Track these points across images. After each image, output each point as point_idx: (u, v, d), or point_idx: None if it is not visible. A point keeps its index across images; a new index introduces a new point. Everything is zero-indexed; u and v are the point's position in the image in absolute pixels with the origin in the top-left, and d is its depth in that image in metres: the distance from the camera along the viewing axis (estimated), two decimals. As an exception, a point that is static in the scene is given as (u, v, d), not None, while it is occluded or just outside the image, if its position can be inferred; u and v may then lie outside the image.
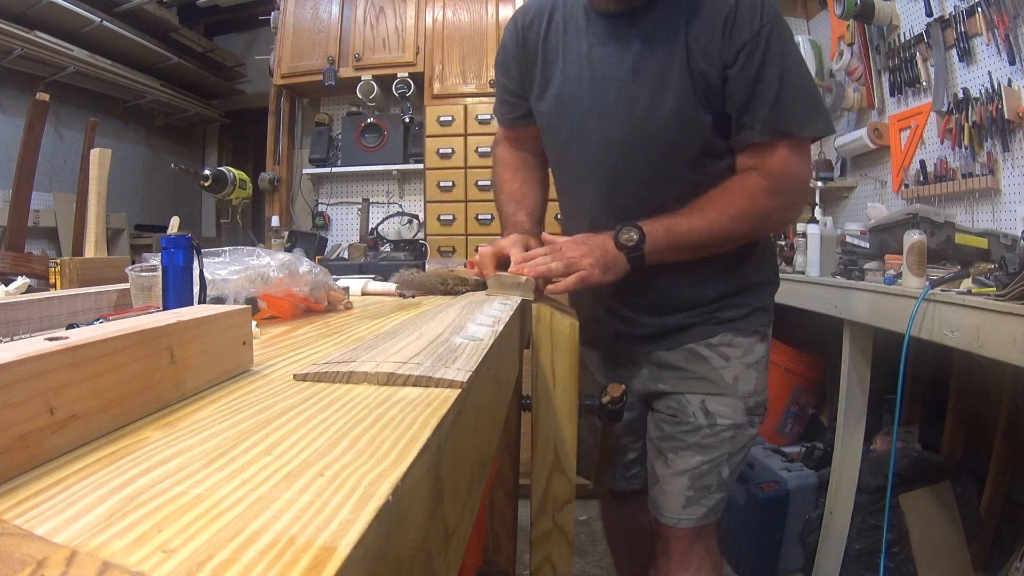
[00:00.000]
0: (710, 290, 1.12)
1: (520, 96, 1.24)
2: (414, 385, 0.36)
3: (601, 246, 1.00)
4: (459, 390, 0.35)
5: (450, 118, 2.83)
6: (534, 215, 1.23)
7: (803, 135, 1.03)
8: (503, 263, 1.05)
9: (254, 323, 0.48)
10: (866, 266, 1.89)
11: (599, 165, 1.11)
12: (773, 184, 1.01)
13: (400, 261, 2.54)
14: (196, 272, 0.58)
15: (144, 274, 0.71)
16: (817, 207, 2.40)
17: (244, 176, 1.57)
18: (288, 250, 2.66)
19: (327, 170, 3.13)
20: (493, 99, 1.39)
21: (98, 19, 3.24)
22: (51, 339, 0.26)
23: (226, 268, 0.67)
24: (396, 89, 2.95)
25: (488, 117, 2.73)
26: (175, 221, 1.34)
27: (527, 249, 1.06)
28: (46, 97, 2.37)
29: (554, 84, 1.14)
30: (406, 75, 2.94)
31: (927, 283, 1.49)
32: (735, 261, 1.12)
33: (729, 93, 1.00)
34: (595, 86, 1.08)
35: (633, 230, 1.00)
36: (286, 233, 3.00)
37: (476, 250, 1.09)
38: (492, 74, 1.28)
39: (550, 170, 1.30)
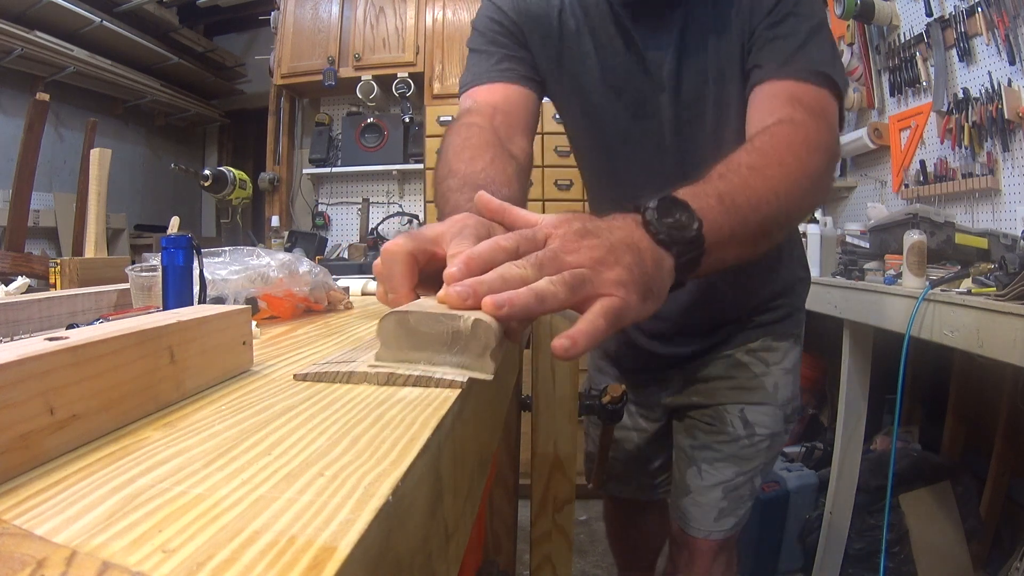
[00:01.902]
0: (753, 295, 1.02)
1: (528, 64, 0.96)
2: (414, 385, 0.36)
3: (628, 242, 0.50)
4: (459, 390, 0.35)
5: (450, 118, 2.83)
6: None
7: (838, 87, 0.82)
8: (431, 274, 0.51)
9: (254, 323, 0.48)
10: (866, 266, 1.89)
11: (649, 171, 0.96)
12: (820, 122, 0.76)
13: (400, 261, 2.53)
14: (196, 272, 0.58)
15: (144, 274, 0.71)
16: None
17: (244, 176, 1.57)
18: (288, 250, 2.66)
19: (327, 170, 3.13)
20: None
21: (98, 19, 3.24)
22: (51, 339, 0.26)
23: (226, 268, 0.67)
24: (396, 89, 2.95)
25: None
26: (175, 221, 1.34)
27: (481, 239, 0.51)
28: (46, 97, 2.37)
29: (588, 82, 0.95)
30: (406, 75, 2.94)
31: (927, 283, 1.49)
32: (775, 257, 1.02)
33: (755, 40, 0.83)
34: (639, 88, 0.92)
35: (676, 208, 0.55)
36: (286, 233, 3.00)
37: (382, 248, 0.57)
38: (475, 44, 1.00)
39: (585, 181, 1.09)
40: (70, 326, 0.48)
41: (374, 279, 1.15)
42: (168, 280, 0.56)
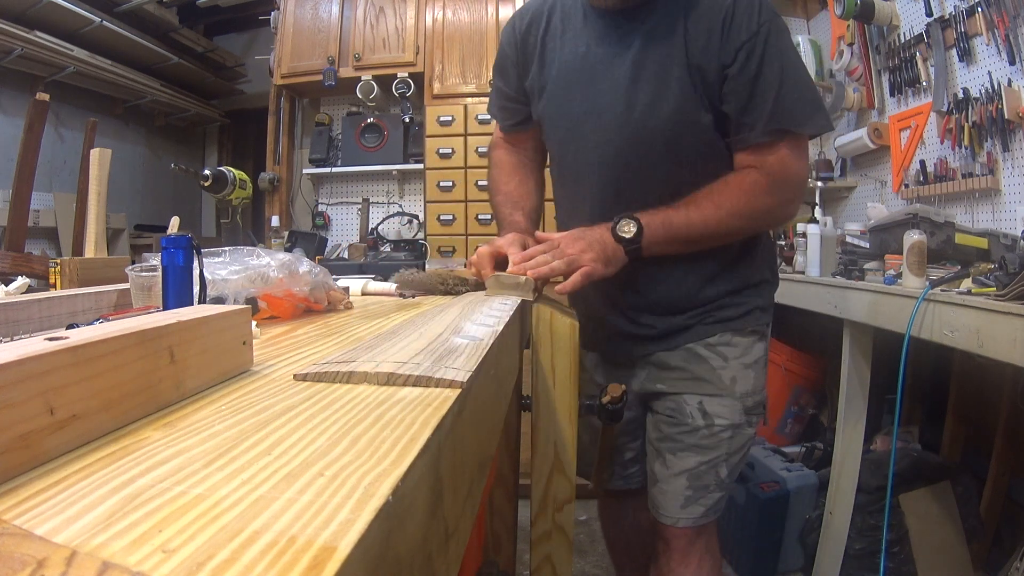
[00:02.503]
0: (711, 289, 1.11)
1: (518, 101, 1.24)
2: (414, 385, 0.36)
3: (600, 239, 1.00)
4: (459, 390, 0.35)
5: (450, 118, 2.83)
6: (531, 216, 1.22)
7: (802, 133, 1.04)
8: (501, 263, 1.04)
9: (254, 323, 0.48)
10: (866, 266, 1.89)
11: (597, 165, 1.10)
12: (771, 182, 1.02)
13: (400, 261, 2.54)
14: (196, 272, 0.58)
15: (144, 274, 0.71)
16: (817, 207, 2.40)
17: (244, 176, 1.57)
18: (288, 250, 2.66)
19: (327, 170, 3.13)
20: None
21: (98, 19, 3.24)
22: (51, 339, 0.26)
23: (226, 268, 0.67)
24: (396, 89, 2.95)
25: (488, 117, 2.73)
26: (175, 221, 1.34)
27: (525, 248, 1.05)
28: (46, 97, 2.37)
29: (552, 84, 1.14)
30: (406, 75, 2.94)
31: (927, 283, 1.49)
32: (736, 259, 1.12)
33: (728, 92, 1.00)
34: (594, 86, 1.08)
35: (631, 222, 1.00)
36: (286, 233, 3.00)
37: (475, 250, 1.07)
38: (492, 74, 1.27)
39: (548, 170, 1.29)
40: (70, 326, 0.48)
41: (374, 279, 1.16)
42: (168, 280, 0.56)
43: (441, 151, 2.84)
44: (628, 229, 0.99)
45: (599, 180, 1.11)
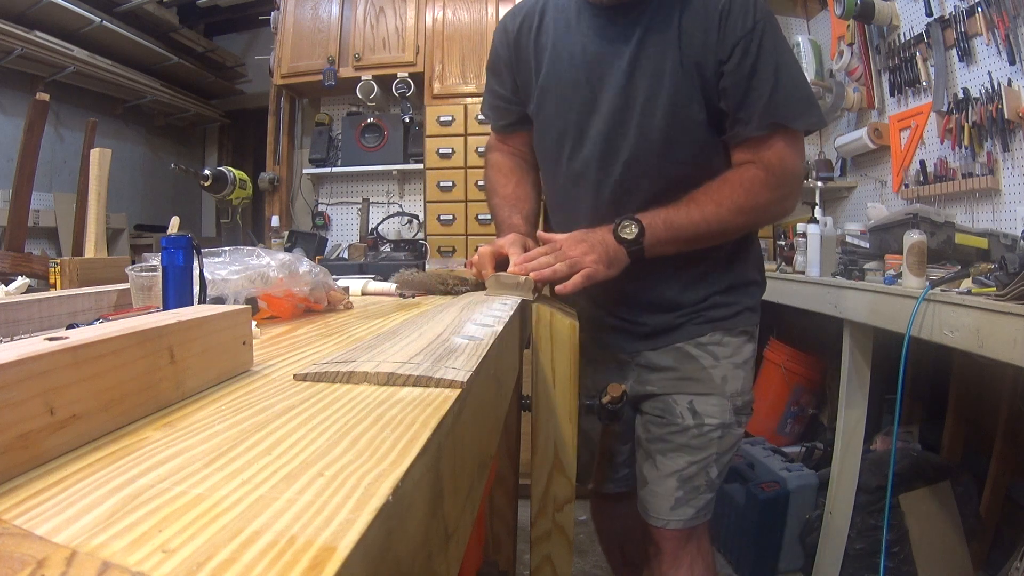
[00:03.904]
0: (703, 288, 1.12)
1: (512, 102, 1.23)
2: (414, 385, 0.36)
3: (602, 241, 1.00)
4: (459, 390, 0.35)
5: (450, 118, 2.83)
6: (529, 218, 1.22)
7: (797, 128, 1.04)
8: (502, 263, 1.04)
9: (254, 323, 0.48)
10: (866, 266, 1.89)
11: (594, 163, 1.10)
12: (769, 177, 1.02)
13: (400, 261, 2.54)
14: (196, 272, 0.58)
15: (144, 274, 0.71)
16: (817, 207, 2.40)
17: (244, 176, 1.57)
18: (288, 250, 2.66)
19: (327, 170, 3.13)
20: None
21: (98, 19, 3.24)
22: (51, 339, 0.26)
23: (226, 268, 0.67)
24: (396, 89, 2.95)
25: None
26: (175, 221, 1.34)
27: (526, 249, 1.05)
28: (46, 97, 2.37)
29: (548, 83, 1.13)
30: (406, 75, 2.94)
31: (927, 283, 1.49)
32: (728, 260, 1.13)
33: (724, 88, 1.01)
34: (590, 84, 1.08)
35: (632, 223, 0.99)
36: (286, 233, 3.00)
37: (475, 250, 1.08)
38: (485, 75, 1.28)
39: (541, 173, 1.29)
40: (70, 326, 0.48)
41: (374, 279, 1.16)
42: (168, 280, 0.56)
43: (441, 151, 2.84)
44: (630, 231, 0.99)
45: (597, 178, 1.11)
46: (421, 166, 2.94)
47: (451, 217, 2.83)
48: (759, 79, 0.99)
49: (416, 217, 3.08)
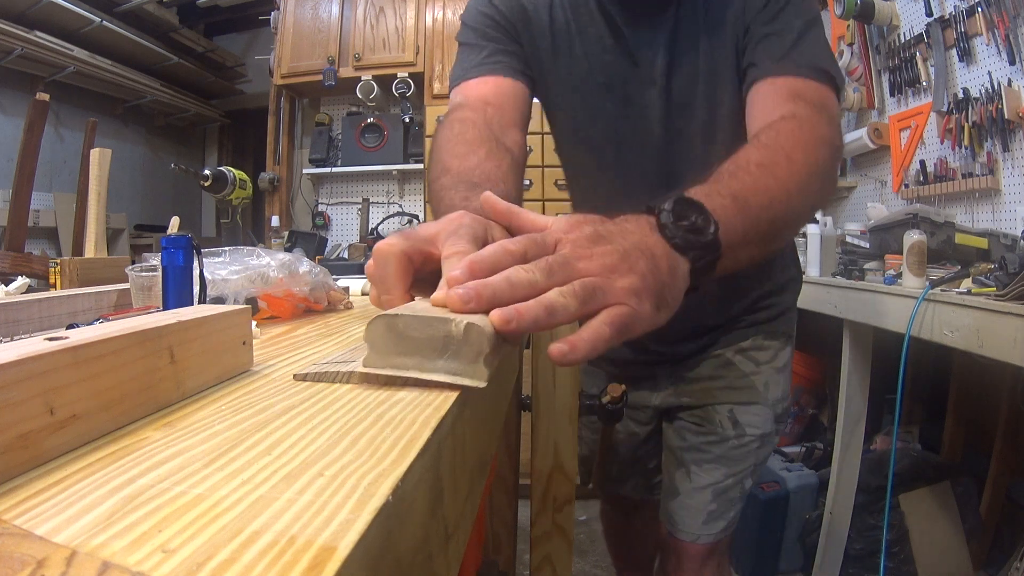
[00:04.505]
0: (745, 295, 1.02)
1: (520, 57, 0.94)
2: (414, 386, 0.36)
3: (641, 246, 0.47)
4: (459, 390, 0.35)
5: (450, 118, 2.83)
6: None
7: (834, 76, 0.80)
8: (425, 276, 0.49)
9: (254, 323, 0.48)
10: (866, 266, 1.89)
11: (639, 158, 0.95)
12: (823, 115, 0.74)
13: (400, 261, 2.54)
14: (196, 272, 0.58)
15: (144, 274, 0.71)
16: (817, 207, 2.40)
17: (244, 176, 1.57)
18: (288, 250, 2.66)
19: (327, 170, 3.13)
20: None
21: (98, 19, 3.24)
22: (51, 339, 0.26)
23: (226, 268, 0.67)
24: (396, 89, 2.95)
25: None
26: (175, 221, 1.34)
27: (482, 243, 0.49)
28: (46, 97, 2.37)
29: (578, 78, 0.95)
30: (406, 75, 2.94)
31: (927, 283, 1.49)
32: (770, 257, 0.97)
33: (749, 38, 0.83)
34: (628, 79, 0.92)
35: (691, 210, 0.52)
36: (286, 233, 3.00)
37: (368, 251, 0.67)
38: (465, 37, 0.96)
39: (569, 183, 1.10)
40: (70, 326, 0.48)
41: (373, 279, 1.14)
42: (168, 280, 0.56)
43: (441, 151, 2.84)
44: (693, 222, 0.52)
45: (642, 174, 0.95)
46: (421, 166, 2.94)
47: (451, 217, 2.83)
48: (786, 23, 0.81)
49: (416, 217, 3.08)
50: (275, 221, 3.14)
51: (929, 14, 2.12)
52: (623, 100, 0.93)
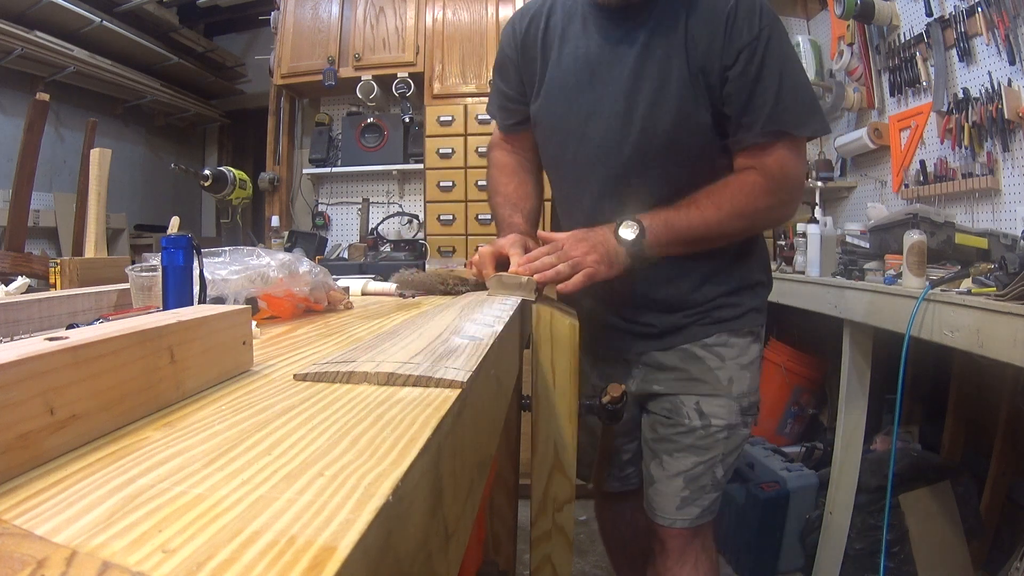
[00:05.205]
0: (709, 289, 1.12)
1: (519, 102, 1.24)
2: (414, 385, 0.36)
3: (603, 241, 1.01)
4: (459, 390, 0.35)
5: (450, 118, 2.83)
6: (530, 218, 1.23)
7: (801, 135, 1.04)
8: (503, 263, 1.05)
9: (254, 323, 0.48)
10: (866, 266, 1.89)
11: (597, 165, 1.11)
12: (770, 183, 1.03)
13: (400, 261, 2.54)
14: (196, 272, 0.58)
15: (144, 274, 0.71)
16: (817, 207, 2.40)
17: (244, 176, 1.57)
18: (288, 250, 2.66)
19: (327, 170, 3.13)
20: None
21: (98, 19, 3.24)
22: (51, 339, 0.26)
23: (226, 268, 0.67)
24: (396, 89, 2.95)
25: (488, 117, 2.73)
26: (175, 221, 1.34)
27: (527, 249, 1.06)
28: (46, 97, 2.37)
29: (552, 84, 1.14)
30: (406, 75, 2.93)
31: (927, 283, 1.49)
32: (734, 260, 1.13)
33: (728, 94, 1.01)
34: (596, 86, 1.08)
35: (633, 224, 1.01)
36: (286, 233, 3.00)
37: (476, 250, 1.08)
38: (492, 74, 1.27)
39: (545, 173, 1.30)
40: (70, 326, 0.48)
41: (374, 279, 1.16)
42: (168, 280, 0.56)
43: (441, 151, 2.84)
44: (630, 231, 1.00)
45: (599, 179, 1.11)
46: (421, 166, 2.93)
47: (451, 217, 2.83)
48: (763, 86, 0.99)
49: (416, 217, 3.08)
50: (275, 221, 3.14)
51: (929, 14, 2.12)
52: (590, 101, 1.10)
